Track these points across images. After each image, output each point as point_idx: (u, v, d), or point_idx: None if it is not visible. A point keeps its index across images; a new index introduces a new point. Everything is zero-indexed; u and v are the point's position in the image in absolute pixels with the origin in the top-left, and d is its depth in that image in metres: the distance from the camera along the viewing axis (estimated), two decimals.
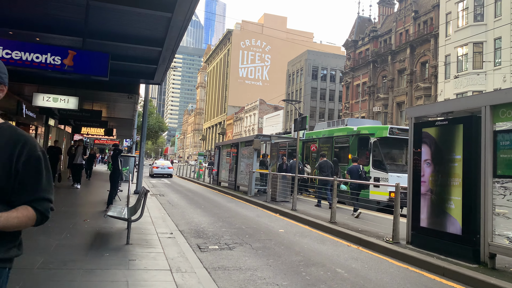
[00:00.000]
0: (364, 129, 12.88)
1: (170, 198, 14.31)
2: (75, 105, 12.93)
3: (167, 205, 12.11)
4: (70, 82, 12.38)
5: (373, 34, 43.51)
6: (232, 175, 17.88)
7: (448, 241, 5.71)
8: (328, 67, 59.78)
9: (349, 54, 48.09)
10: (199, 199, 14.38)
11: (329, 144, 14.76)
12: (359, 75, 44.84)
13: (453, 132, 5.75)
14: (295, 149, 17.66)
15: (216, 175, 20.82)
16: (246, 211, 11.28)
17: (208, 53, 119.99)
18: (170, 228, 7.81)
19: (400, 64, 38.82)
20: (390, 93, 39.83)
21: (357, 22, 48.17)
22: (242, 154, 16.90)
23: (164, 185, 21.36)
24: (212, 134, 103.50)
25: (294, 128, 11.18)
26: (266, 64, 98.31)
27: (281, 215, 10.65)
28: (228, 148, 19.28)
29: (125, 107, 17.24)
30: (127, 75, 12.38)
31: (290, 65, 64.61)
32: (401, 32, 39.51)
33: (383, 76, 41.70)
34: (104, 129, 22.60)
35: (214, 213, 10.66)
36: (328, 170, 12.29)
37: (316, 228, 8.66)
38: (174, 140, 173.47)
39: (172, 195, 15.57)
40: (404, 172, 12.13)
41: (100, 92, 13.42)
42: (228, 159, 19.22)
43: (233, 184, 17.49)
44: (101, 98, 14.36)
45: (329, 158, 14.74)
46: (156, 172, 29.63)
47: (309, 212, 10.46)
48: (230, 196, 15.80)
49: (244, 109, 79.90)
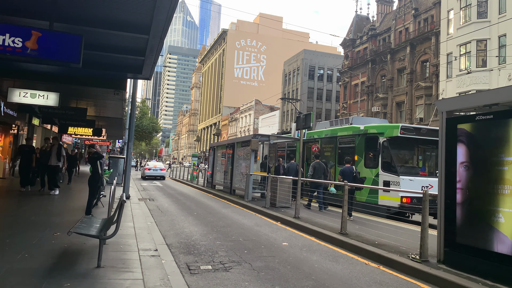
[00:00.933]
0: (372, 128, 11.81)
1: (160, 203, 13.14)
2: (56, 102, 11.76)
3: (156, 212, 10.94)
4: (49, 76, 11.19)
5: (372, 32, 42.63)
6: (227, 178, 16.74)
7: (495, 262, 4.62)
8: (325, 66, 58.86)
9: (347, 53, 47.18)
10: (192, 205, 13.22)
11: (332, 144, 13.68)
12: (357, 75, 43.90)
13: (501, 128, 4.67)
14: (294, 150, 16.58)
15: (211, 177, 19.67)
16: (244, 219, 10.15)
17: (203, 54, 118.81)
18: (155, 242, 6.66)
19: (399, 63, 37.93)
20: (389, 93, 38.92)
21: (355, 21, 47.27)
22: (238, 155, 15.78)
23: (155, 188, 20.16)
24: (207, 135, 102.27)
25: (296, 127, 10.09)
26: (261, 64, 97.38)
27: (282, 223, 9.53)
28: (224, 149, 18.14)
29: (112, 105, 16.04)
30: (113, 68, 11.20)
31: (286, 65, 63.62)
32: (401, 30, 38.64)
33: (382, 76, 40.80)
34: (92, 129, 21.36)
35: (207, 222, 9.52)
36: (320, 172, 11.60)
37: (325, 241, 7.55)
38: (168, 141, 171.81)
39: (162, 200, 14.39)
40: (417, 175, 11.10)
41: (83, 87, 12.24)
42: (223, 160, 18.09)
43: (228, 187, 16.35)
44: (85, 94, 13.16)
45: (332, 159, 13.66)
46: (148, 174, 28.39)
47: (314, 220, 9.35)
48: (225, 200, 14.66)
49: (240, 109, 78.82)
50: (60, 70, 11.07)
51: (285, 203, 11.78)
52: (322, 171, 11.74)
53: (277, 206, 11.66)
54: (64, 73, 11.26)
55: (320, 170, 11.66)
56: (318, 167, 11.68)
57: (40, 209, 9.17)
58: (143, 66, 10.93)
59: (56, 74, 11.17)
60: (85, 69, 11.08)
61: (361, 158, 11.97)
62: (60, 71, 11.09)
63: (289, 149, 17.16)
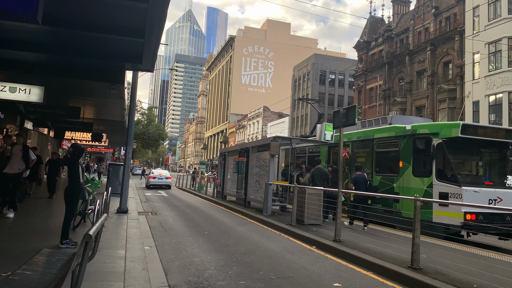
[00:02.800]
0: (423, 128, 9.65)
1: (163, 218, 11.07)
2: (40, 98, 9.85)
3: (158, 230, 8.87)
4: (30, 65, 9.27)
5: (388, 34, 40.59)
6: (240, 188, 14.64)
7: None
8: (337, 71, 56.87)
9: (361, 56, 45.15)
10: (201, 220, 11.13)
11: (367, 148, 11.53)
12: (373, 78, 41.78)
13: None
14: (317, 155, 14.46)
15: (221, 187, 17.57)
16: (268, 242, 8.02)
17: (210, 61, 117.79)
18: (152, 284, 4.58)
19: (419, 65, 35.77)
20: (408, 97, 36.70)
21: (369, 22, 45.33)
22: (254, 162, 13.70)
23: (159, 199, 18.12)
24: (214, 142, 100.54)
25: (334, 124, 8.00)
26: (269, 71, 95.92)
27: (319, 248, 7.39)
28: (236, 155, 16.07)
29: (111, 105, 14.09)
30: (107, 57, 9.21)
31: (296, 70, 61.75)
32: (420, 30, 36.56)
33: (399, 79, 38.63)
34: (91, 134, 19.46)
35: (223, 246, 7.42)
36: (323, 180, 10.37)
37: (391, 279, 5.40)
38: (175, 150, 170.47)
39: (167, 214, 12.32)
40: (482, 185, 8.91)
41: (72, 80, 10.30)
42: (235, 168, 16.01)
43: (242, 199, 14.24)
44: (76, 90, 11.23)
45: (367, 166, 11.51)
46: (152, 183, 26.40)
47: (362, 245, 7.19)
48: (239, 214, 12.55)
49: (247, 116, 77.04)
50: (44, 59, 9.17)
51: (315, 219, 9.64)
52: (325, 179, 10.49)
53: (306, 223, 9.53)
54: (49, 63, 9.36)
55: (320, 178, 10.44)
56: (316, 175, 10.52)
57: (8, 231, 7.14)
58: (142, 53, 8.94)
59: (39, 63, 9.25)
60: (73, 58, 9.17)
61: (407, 165, 9.81)
62: (44, 60, 9.19)
63: (310, 155, 15.04)
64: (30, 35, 7.99)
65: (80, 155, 5.90)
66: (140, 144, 66.47)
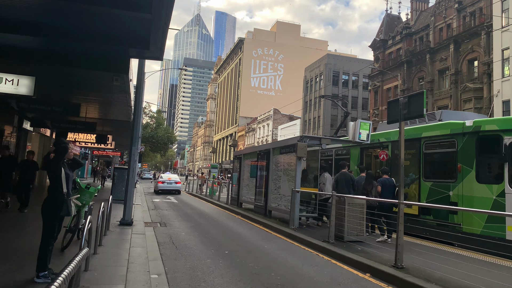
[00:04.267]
0: (490, 123, 7.95)
1: (174, 231, 9.50)
2: (30, 90, 8.41)
3: (168, 249, 7.29)
4: (18, 51, 7.83)
5: (406, 31, 38.75)
6: (260, 195, 13.02)
7: None
8: (350, 71, 55.05)
9: (377, 55, 43.36)
10: (218, 233, 9.53)
11: (413, 149, 9.82)
12: (390, 78, 39.93)
13: None
14: (345, 158, 12.78)
15: (236, 193, 15.96)
16: (307, 266, 6.38)
17: (219, 64, 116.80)
18: None
19: (441, 63, 33.88)
20: (429, 97, 34.75)
21: (385, 20, 43.55)
22: (275, 165, 12.08)
23: (169, 206, 16.58)
24: (223, 146, 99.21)
25: (389, 117, 6.31)
26: (279, 73, 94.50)
27: (376, 277, 5.72)
28: (253, 158, 14.46)
29: (115, 101, 12.62)
30: (109, 39, 7.73)
31: (308, 71, 60.08)
32: (441, 27, 34.69)
33: (419, 78, 36.76)
34: (96, 136, 18.04)
35: (251, 273, 5.80)
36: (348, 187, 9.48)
37: None
38: (184, 153, 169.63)
39: (178, 225, 10.75)
40: None
41: (68, 69, 8.83)
42: (253, 172, 14.40)
43: (262, 207, 12.61)
44: (74, 81, 9.75)
45: (413, 170, 9.80)
46: (161, 188, 24.90)
47: (432, 273, 5.50)
48: (260, 226, 10.92)
49: (257, 119, 75.55)
50: (34, 43, 7.72)
51: (357, 235, 7.98)
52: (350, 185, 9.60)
53: (346, 239, 7.87)
54: (40, 47, 7.91)
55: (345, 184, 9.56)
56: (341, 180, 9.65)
57: None
58: (150, 35, 7.44)
59: (28, 49, 7.80)
60: (69, 42, 7.72)
61: (469, 169, 8.09)
62: (34, 44, 7.74)
63: (338, 157, 13.37)
64: (17, 11, 6.53)
65: (63, 155, 4.33)
66: (148, 148, 65.29)
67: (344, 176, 10.19)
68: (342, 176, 10.26)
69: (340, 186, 10.12)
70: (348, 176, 10.22)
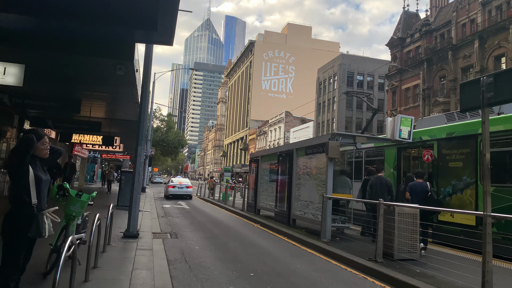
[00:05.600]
0: None
1: (187, 244, 8.17)
2: (19, 80, 7.23)
3: (181, 269, 5.96)
4: (5, 34, 6.65)
5: (426, 28, 37.05)
6: (282, 201, 11.61)
7: None
8: (365, 72, 53.36)
9: (394, 54, 41.69)
10: (238, 247, 8.17)
11: (467, 148, 8.33)
12: (410, 77, 38.22)
13: None
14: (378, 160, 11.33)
15: (253, 199, 14.59)
16: None
17: (229, 67, 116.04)
18: None
19: (464, 60, 32.13)
20: (452, 96, 33.01)
21: (403, 18, 41.91)
22: (300, 168, 10.69)
23: (180, 213, 15.30)
24: (234, 150, 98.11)
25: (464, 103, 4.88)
26: (290, 75, 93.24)
27: None
28: (273, 159, 13.08)
29: (120, 96, 11.38)
30: (109, 20, 6.47)
31: (321, 72, 58.59)
32: (465, 22, 32.96)
33: (440, 77, 35.01)
34: (102, 137, 16.88)
35: None
36: (383, 193, 8.51)
37: None
38: (194, 157, 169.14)
39: (190, 236, 9.43)
40: None
41: (63, 56, 7.60)
42: (273, 176, 13.02)
43: (284, 216, 11.20)
44: (70, 70, 8.51)
45: (468, 173, 8.31)
46: (172, 193, 23.68)
47: None
48: (285, 238, 9.52)
49: (268, 122, 74.24)
50: (23, 24, 6.52)
51: (409, 252, 6.54)
52: (386, 190, 8.68)
53: (396, 258, 6.43)
54: (30, 29, 6.70)
55: (380, 189, 8.68)
56: (376, 184, 8.81)
57: None
58: (157, 14, 6.17)
59: (16, 31, 6.60)
60: (63, 22, 6.49)
61: None
62: (23, 25, 6.53)
63: (369, 159, 11.92)
64: None
65: (28, 150, 3.02)
66: (159, 152, 64.50)
67: (380, 181, 8.94)
68: (377, 180, 9.01)
69: (375, 192, 8.87)
70: (384, 180, 8.95)
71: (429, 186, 8.06)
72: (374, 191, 8.99)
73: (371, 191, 9.01)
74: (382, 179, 9.00)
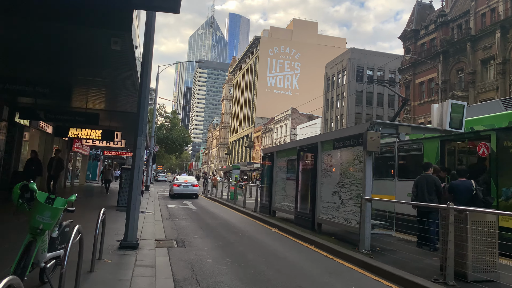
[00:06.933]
0: None
1: (197, 256, 6.74)
2: None
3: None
4: None
5: (442, 19, 35.32)
6: (304, 203, 10.14)
7: None
8: (375, 67, 51.64)
9: (407, 47, 39.99)
10: (260, 261, 6.72)
11: None
12: (424, 71, 36.55)
13: None
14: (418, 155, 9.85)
15: (268, 199, 13.13)
16: None
17: (234, 64, 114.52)
18: None
19: (484, 52, 30.43)
20: (470, 90, 31.34)
21: (416, 9, 40.19)
22: (327, 163, 9.22)
23: (186, 214, 13.90)
24: (239, 147, 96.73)
25: None
26: (295, 72, 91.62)
27: None
28: (291, 155, 11.62)
29: (119, 82, 9.97)
30: None
31: (329, 67, 56.92)
32: (484, 12, 31.24)
33: (458, 70, 33.33)
34: (101, 132, 15.49)
35: None
36: (430, 194, 7.37)
37: None
38: (198, 155, 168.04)
39: (200, 244, 8.00)
40: None
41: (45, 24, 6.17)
42: (291, 173, 11.56)
43: (307, 219, 9.74)
44: (58, 46, 7.08)
45: None
46: (177, 192, 22.32)
47: None
48: (312, 246, 8.06)
49: (274, 119, 72.73)
50: None
51: (485, 271, 5.06)
52: (433, 190, 7.42)
53: (470, 279, 4.96)
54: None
55: (426, 188, 7.46)
56: (420, 183, 7.57)
57: None
58: None
59: None
60: None
61: None
62: None
63: (403, 154, 10.42)
64: None
65: None
66: (163, 149, 63.26)
67: (426, 180, 7.55)
68: (423, 179, 7.63)
69: (420, 193, 7.49)
70: (431, 179, 7.53)
71: (474, 185, 6.92)
72: (420, 192, 7.59)
73: (416, 191, 7.63)
74: (429, 178, 7.58)
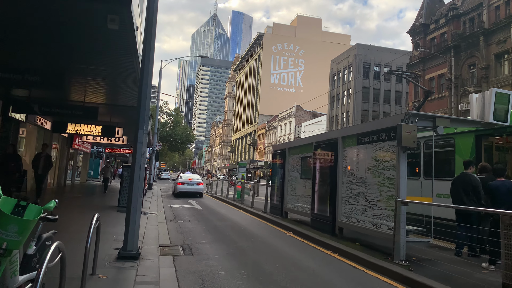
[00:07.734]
0: None
1: (207, 267, 5.86)
2: None
3: None
4: None
5: (453, 13, 34.22)
6: (322, 204, 9.22)
7: None
8: (382, 63, 50.55)
9: (417, 42, 38.90)
10: (280, 273, 5.82)
11: None
12: (433, 66, 35.50)
13: None
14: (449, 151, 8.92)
15: (279, 200, 12.23)
16: None
17: (237, 61, 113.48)
18: None
19: (498, 46, 29.36)
20: (483, 85, 30.26)
21: (425, 3, 39.08)
22: (348, 161, 8.30)
23: (192, 215, 13.02)
24: (242, 145, 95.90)
25: None
26: (299, 69, 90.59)
27: None
28: (306, 151, 10.70)
29: (118, 71, 9.07)
30: None
31: (335, 63, 55.85)
32: (498, 4, 30.15)
33: (470, 65, 32.26)
34: (102, 127, 14.63)
35: None
36: (467, 194, 6.56)
37: None
38: (201, 153, 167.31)
39: (209, 251, 7.12)
40: None
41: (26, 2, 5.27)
42: (307, 172, 10.64)
43: (326, 223, 8.81)
44: (45, 25, 6.18)
45: None
46: (181, 190, 21.48)
47: None
48: (336, 254, 7.15)
49: (278, 117, 71.78)
50: None
51: None
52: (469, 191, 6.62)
53: None
54: None
55: (463, 188, 6.68)
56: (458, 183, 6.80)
57: None
58: None
59: None
60: None
61: None
62: None
63: (430, 152, 9.48)
64: None
65: None
66: (166, 147, 62.48)
67: (463, 179, 6.71)
68: (460, 179, 6.81)
69: (455, 194, 6.61)
70: (468, 178, 6.66)
71: None
72: (454, 193, 6.74)
73: (454, 192, 6.76)
74: (466, 177, 6.72)
